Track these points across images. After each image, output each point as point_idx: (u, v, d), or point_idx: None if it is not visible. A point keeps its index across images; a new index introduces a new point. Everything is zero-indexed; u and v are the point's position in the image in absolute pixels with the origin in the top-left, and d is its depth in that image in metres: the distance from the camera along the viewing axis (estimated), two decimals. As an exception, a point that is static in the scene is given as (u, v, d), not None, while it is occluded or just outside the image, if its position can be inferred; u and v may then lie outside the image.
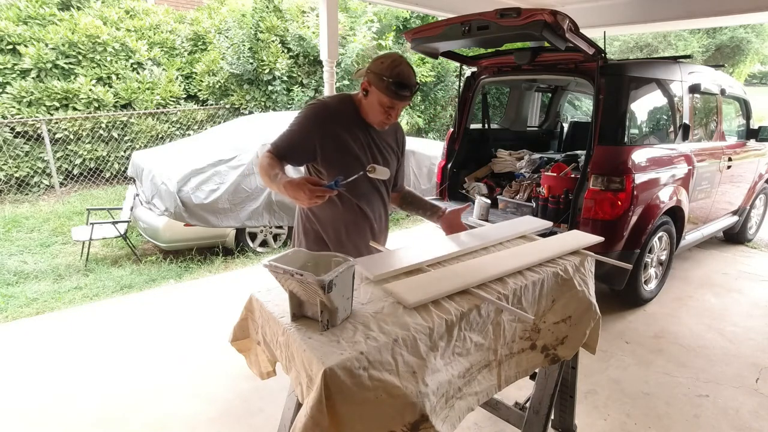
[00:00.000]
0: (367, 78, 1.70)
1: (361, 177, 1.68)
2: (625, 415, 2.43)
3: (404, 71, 1.66)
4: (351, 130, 1.78)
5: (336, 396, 1.07)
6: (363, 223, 1.91)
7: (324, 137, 1.73)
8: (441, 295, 1.38)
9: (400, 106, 1.73)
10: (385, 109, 1.72)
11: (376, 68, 1.67)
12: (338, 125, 1.75)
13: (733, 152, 4.27)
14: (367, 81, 1.70)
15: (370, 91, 1.71)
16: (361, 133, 1.81)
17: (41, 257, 4.79)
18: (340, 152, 1.76)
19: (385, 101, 1.69)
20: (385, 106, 1.71)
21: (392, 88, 1.65)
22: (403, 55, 1.74)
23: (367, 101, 1.74)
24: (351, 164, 1.75)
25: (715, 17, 4.69)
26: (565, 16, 2.66)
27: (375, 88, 1.68)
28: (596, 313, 1.79)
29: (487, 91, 4.55)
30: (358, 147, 1.79)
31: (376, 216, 1.94)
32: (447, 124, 10.60)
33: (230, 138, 5.10)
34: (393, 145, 1.96)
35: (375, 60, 1.70)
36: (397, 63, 1.66)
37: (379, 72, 1.65)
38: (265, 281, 1.36)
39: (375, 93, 1.70)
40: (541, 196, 3.51)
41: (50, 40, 7.07)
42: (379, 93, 1.68)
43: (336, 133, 1.74)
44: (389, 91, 1.66)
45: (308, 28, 8.16)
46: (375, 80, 1.67)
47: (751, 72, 20.25)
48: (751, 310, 3.67)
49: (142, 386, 2.60)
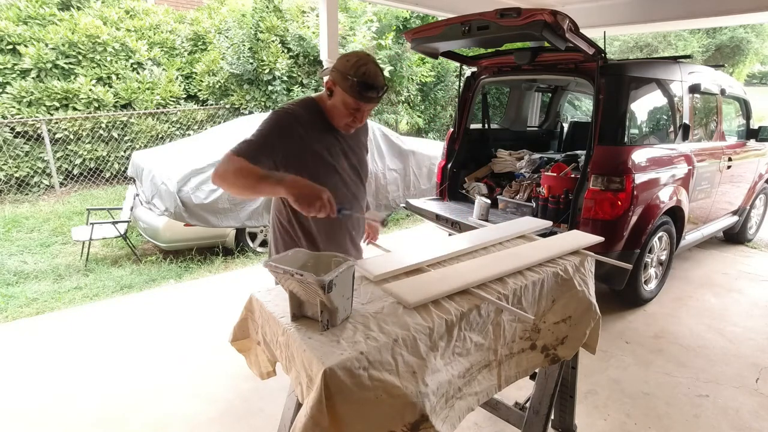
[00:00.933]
0: (332, 76, 1.59)
1: (339, 184, 1.66)
2: (625, 415, 2.43)
3: (371, 70, 1.55)
4: (319, 135, 1.67)
5: (336, 396, 1.07)
6: (342, 232, 1.84)
7: (288, 148, 1.61)
8: (441, 295, 1.39)
9: (367, 108, 1.63)
10: (350, 111, 1.62)
11: (341, 66, 1.56)
12: (304, 133, 1.63)
13: (733, 152, 4.27)
14: (332, 80, 1.59)
15: (335, 90, 1.61)
16: (331, 137, 1.71)
17: (41, 257, 4.79)
18: (311, 161, 1.65)
19: (350, 102, 1.59)
20: (350, 107, 1.60)
21: (357, 89, 1.54)
22: (370, 54, 1.63)
23: (332, 102, 1.64)
24: (323, 172, 1.67)
25: (715, 17, 4.69)
26: (565, 16, 2.66)
27: (339, 88, 1.58)
28: (596, 313, 1.79)
29: (487, 91, 4.55)
30: (329, 153, 1.69)
31: (354, 225, 1.89)
32: (447, 124, 10.60)
33: (230, 138, 5.09)
34: (364, 140, 1.90)
35: (340, 58, 1.60)
36: (363, 62, 1.55)
37: (344, 70, 1.55)
38: (265, 281, 1.36)
39: (339, 93, 1.59)
40: (541, 196, 3.51)
41: (50, 40, 7.07)
42: (344, 93, 1.58)
43: (303, 142, 1.63)
44: (353, 92, 1.55)
45: (308, 28, 8.16)
46: (339, 79, 1.56)
47: (751, 72, 20.26)
48: (751, 310, 3.67)
49: (142, 386, 2.60)
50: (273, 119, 1.62)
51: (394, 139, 5.87)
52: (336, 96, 1.61)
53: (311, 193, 1.40)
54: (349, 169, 1.79)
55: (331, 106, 1.65)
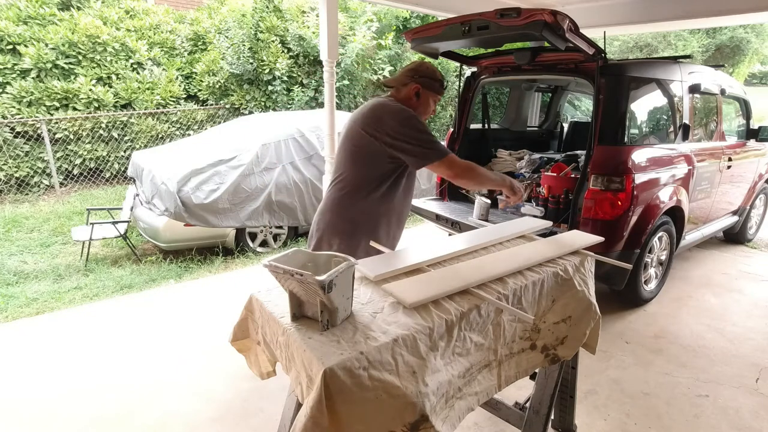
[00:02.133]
0: (418, 83, 2.01)
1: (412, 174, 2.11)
2: (625, 415, 2.43)
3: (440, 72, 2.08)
4: None
5: (336, 396, 1.07)
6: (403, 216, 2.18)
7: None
8: (441, 295, 1.38)
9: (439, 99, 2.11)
10: (435, 104, 2.09)
11: (425, 74, 2.02)
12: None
13: (733, 152, 4.27)
14: (418, 85, 2.01)
15: (422, 93, 2.02)
16: None
17: (41, 257, 4.79)
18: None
19: (437, 98, 2.08)
20: (436, 101, 2.09)
21: (440, 87, 2.06)
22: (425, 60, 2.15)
23: (420, 101, 2.04)
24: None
25: (715, 17, 4.68)
26: (565, 16, 2.66)
27: (426, 90, 2.02)
28: (596, 313, 1.79)
29: (487, 91, 4.55)
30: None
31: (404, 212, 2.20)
32: (447, 124, 10.60)
33: (230, 138, 5.10)
34: None
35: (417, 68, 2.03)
36: (434, 68, 2.06)
37: (430, 77, 2.02)
38: (265, 281, 1.36)
39: (427, 94, 2.03)
40: (541, 196, 3.51)
41: (50, 40, 7.07)
42: (432, 93, 2.04)
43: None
44: (439, 89, 2.06)
45: (308, 28, 8.16)
46: (427, 83, 2.02)
47: (751, 72, 20.25)
48: (751, 310, 3.67)
49: (142, 386, 2.60)
50: (419, 121, 1.95)
51: (394, 139, 5.86)
52: (423, 96, 2.04)
53: (520, 190, 2.05)
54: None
55: (419, 105, 2.04)
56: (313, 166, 5.06)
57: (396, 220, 2.13)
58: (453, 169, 1.92)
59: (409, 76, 2.01)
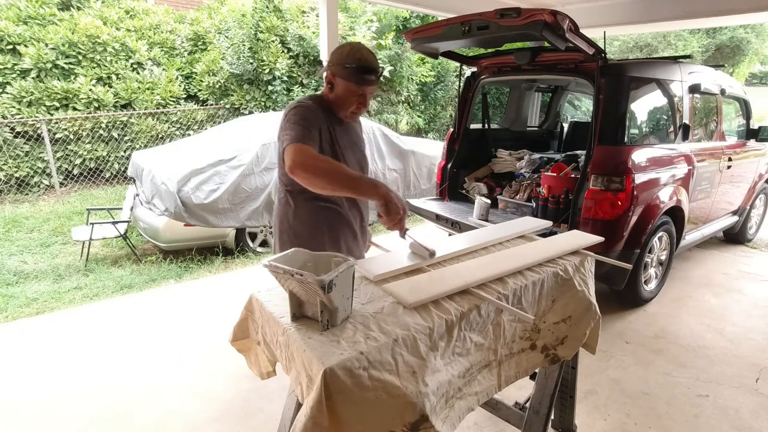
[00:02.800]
0: (330, 71, 1.67)
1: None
2: (625, 415, 2.43)
3: (365, 55, 1.65)
4: (333, 128, 1.73)
5: (336, 396, 1.07)
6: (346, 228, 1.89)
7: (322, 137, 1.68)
8: (441, 295, 1.38)
9: (369, 91, 1.70)
10: (355, 98, 1.69)
11: (337, 58, 1.65)
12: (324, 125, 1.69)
13: (733, 152, 4.27)
14: (331, 73, 1.67)
15: (336, 83, 1.68)
16: (340, 130, 1.77)
17: (41, 257, 4.79)
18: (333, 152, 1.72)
19: (353, 88, 1.66)
20: (354, 93, 1.68)
21: (357, 74, 1.63)
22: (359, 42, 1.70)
23: (335, 94, 1.70)
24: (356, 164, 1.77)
25: (715, 17, 4.69)
26: (565, 16, 2.66)
27: (340, 78, 1.66)
28: (596, 313, 1.79)
29: (487, 91, 4.55)
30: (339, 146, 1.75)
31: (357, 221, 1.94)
32: (447, 124, 10.60)
33: (230, 138, 5.10)
34: (361, 134, 1.96)
35: (334, 52, 1.68)
36: (356, 49, 1.65)
37: (341, 61, 1.63)
38: (265, 281, 1.36)
39: (341, 83, 1.67)
40: (541, 196, 3.51)
41: (50, 40, 7.07)
42: (346, 82, 1.65)
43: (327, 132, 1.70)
44: (355, 77, 1.63)
45: (308, 28, 8.16)
46: (338, 70, 1.65)
47: (752, 72, 20.25)
48: (751, 310, 3.67)
49: (142, 386, 2.60)
50: (300, 112, 1.63)
51: (394, 139, 5.87)
52: (338, 87, 1.68)
53: (398, 206, 1.51)
54: (354, 163, 1.84)
55: (335, 98, 1.71)
56: (313, 166, 5.05)
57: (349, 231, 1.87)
58: (293, 158, 1.50)
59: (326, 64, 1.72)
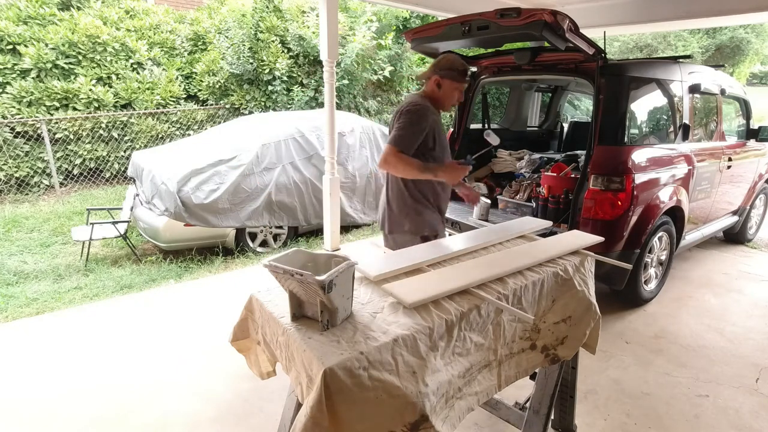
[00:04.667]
0: (438, 75, 2.26)
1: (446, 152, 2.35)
2: (625, 415, 2.43)
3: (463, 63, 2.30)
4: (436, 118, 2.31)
5: (336, 396, 1.07)
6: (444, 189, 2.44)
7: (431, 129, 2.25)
8: (441, 295, 1.39)
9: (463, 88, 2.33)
10: (458, 93, 2.31)
11: (446, 66, 2.26)
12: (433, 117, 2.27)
13: (733, 152, 4.27)
14: (438, 77, 2.26)
15: (443, 83, 2.27)
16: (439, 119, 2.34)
17: (41, 257, 4.79)
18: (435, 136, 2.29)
19: (459, 86, 2.30)
20: (459, 90, 2.31)
21: (461, 76, 2.27)
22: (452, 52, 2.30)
23: (442, 92, 2.29)
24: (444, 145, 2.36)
25: (715, 17, 4.68)
26: (565, 16, 2.66)
27: (448, 80, 2.26)
28: (596, 313, 1.79)
29: (487, 91, 4.55)
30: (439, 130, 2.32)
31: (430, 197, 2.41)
32: (447, 124, 10.60)
33: (230, 138, 5.10)
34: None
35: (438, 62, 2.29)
36: (454, 59, 2.31)
37: (450, 68, 2.25)
38: (265, 281, 1.36)
39: (448, 84, 2.27)
40: (541, 196, 3.51)
41: (50, 40, 7.07)
42: (453, 82, 2.26)
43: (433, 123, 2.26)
44: (461, 78, 2.27)
45: (308, 28, 8.16)
46: (448, 75, 2.25)
47: (752, 72, 20.25)
48: (751, 310, 3.67)
49: (142, 386, 2.60)
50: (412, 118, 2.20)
51: (394, 139, 5.86)
52: (445, 87, 2.28)
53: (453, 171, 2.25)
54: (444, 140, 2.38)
55: (442, 95, 2.30)
56: (313, 166, 5.06)
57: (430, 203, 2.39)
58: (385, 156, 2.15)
59: (431, 69, 2.29)
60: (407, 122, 2.19)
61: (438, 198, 2.42)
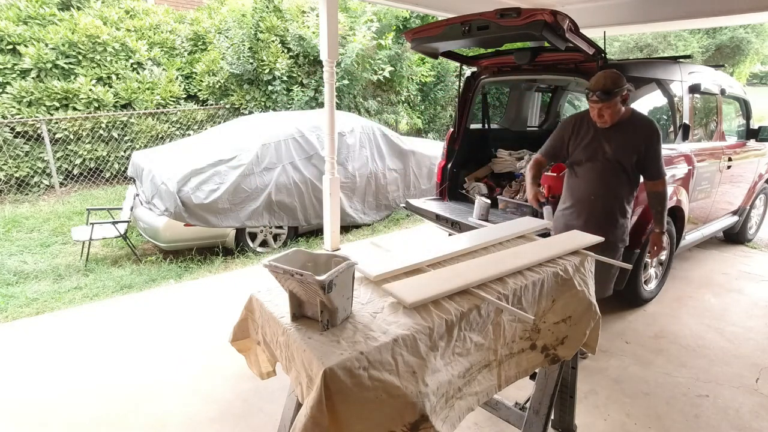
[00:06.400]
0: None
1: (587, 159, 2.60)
2: (625, 415, 2.43)
3: (595, 81, 2.40)
4: (581, 130, 2.60)
5: (336, 396, 1.07)
6: (581, 195, 2.65)
7: (569, 134, 2.64)
8: (441, 295, 1.38)
9: (597, 107, 2.42)
10: (593, 108, 2.45)
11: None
12: (576, 128, 2.61)
13: (733, 152, 4.27)
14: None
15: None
16: (587, 130, 2.58)
17: (41, 257, 4.79)
18: (578, 142, 2.60)
19: (591, 105, 2.46)
20: (591, 107, 2.47)
21: (588, 96, 2.43)
22: (606, 70, 2.45)
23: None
24: (583, 152, 2.59)
25: (715, 17, 4.68)
26: (565, 16, 2.66)
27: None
28: (596, 313, 1.79)
29: (487, 91, 4.55)
30: (588, 138, 2.57)
31: (584, 197, 2.64)
32: (447, 124, 10.60)
33: (230, 138, 5.10)
34: (629, 138, 2.51)
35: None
36: (596, 77, 2.41)
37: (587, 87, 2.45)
38: (265, 281, 1.36)
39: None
40: (541, 197, 3.50)
41: (50, 40, 7.07)
42: (588, 101, 2.47)
43: (575, 134, 2.61)
44: (588, 98, 2.43)
45: (308, 28, 8.16)
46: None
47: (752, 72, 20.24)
48: (751, 310, 3.67)
49: (142, 386, 2.60)
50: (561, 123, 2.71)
51: (394, 139, 5.87)
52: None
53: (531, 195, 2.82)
54: (601, 153, 2.55)
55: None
56: (313, 166, 5.06)
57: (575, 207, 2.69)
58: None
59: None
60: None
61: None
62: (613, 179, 2.57)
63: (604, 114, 2.42)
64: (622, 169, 2.53)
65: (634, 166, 2.53)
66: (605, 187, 2.59)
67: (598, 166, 2.56)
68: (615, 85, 2.35)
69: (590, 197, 2.61)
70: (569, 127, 2.66)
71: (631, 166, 2.52)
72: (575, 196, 2.69)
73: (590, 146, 2.57)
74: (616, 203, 2.62)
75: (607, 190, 2.59)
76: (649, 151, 2.50)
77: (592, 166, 2.58)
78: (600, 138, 2.54)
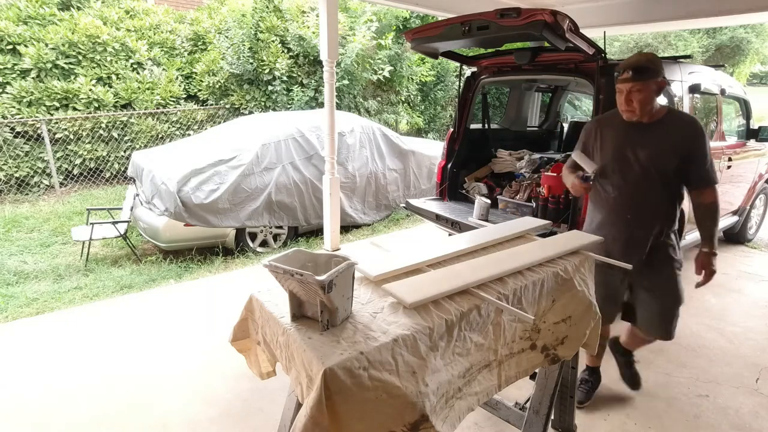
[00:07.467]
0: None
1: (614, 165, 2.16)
2: (625, 415, 2.43)
3: (628, 59, 1.99)
4: (606, 135, 2.22)
5: (336, 396, 1.07)
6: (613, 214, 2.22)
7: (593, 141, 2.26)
8: (441, 295, 1.38)
9: (626, 88, 1.98)
10: (621, 98, 2.03)
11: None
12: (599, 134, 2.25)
13: (733, 152, 4.27)
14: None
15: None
16: (614, 135, 2.19)
17: (41, 257, 4.79)
18: (604, 149, 2.21)
19: (618, 87, 2.01)
20: (621, 94, 2.02)
21: (618, 74, 1.99)
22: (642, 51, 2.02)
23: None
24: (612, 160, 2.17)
25: (715, 17, 4.68)
26: (565, 16, 2.66)
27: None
28: (596, 313, 1.79)
29: (487, 91, 4.55)
30: (616, 142, 2.17)
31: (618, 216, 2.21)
32: (447, 124, 10.60)
33: (230, 138, 5.10)
34: (667, 140, 2.09)
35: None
36: (630, 56, 2.01)
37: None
38: (265, 281, 1.36)
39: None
40: (541, 196, 3.50)
41: (50, 40, 7.07)
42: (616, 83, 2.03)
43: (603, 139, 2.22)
44: (617, 80, 2.00)
45: (308, 28, 8.16)
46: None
47: (752, 72, 20.25)
48: (751, 310, 3.67)
49: (142, 386, 2.60)
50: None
51: (394, 139, 5.87)
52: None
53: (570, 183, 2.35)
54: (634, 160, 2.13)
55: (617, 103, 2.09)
56: (313, 166, 5.06)
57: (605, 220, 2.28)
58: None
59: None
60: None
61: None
62: (651, 192, 2.12)
63: (633, 99, 1.98)
64: (660, 179, 2.09)
65: (675, 174, 2.09)
66: (643, 203, 2.14)
67: (632, 177, 2.12)
68: (652, 65, 1.96)
69: (626, 216, 2.17)
70: (592, 133, 2.27)
71: (671, 173, 2.08)
72: (606, 214, 2.25)
73: (619, 152, 2.14)
74: (658, 221, 2.16)
75: (646, 206, 2.15)
76: (695, 155, 2.07)
77: (623, 176, 2.15)
78: (632, 142, 2.11)
